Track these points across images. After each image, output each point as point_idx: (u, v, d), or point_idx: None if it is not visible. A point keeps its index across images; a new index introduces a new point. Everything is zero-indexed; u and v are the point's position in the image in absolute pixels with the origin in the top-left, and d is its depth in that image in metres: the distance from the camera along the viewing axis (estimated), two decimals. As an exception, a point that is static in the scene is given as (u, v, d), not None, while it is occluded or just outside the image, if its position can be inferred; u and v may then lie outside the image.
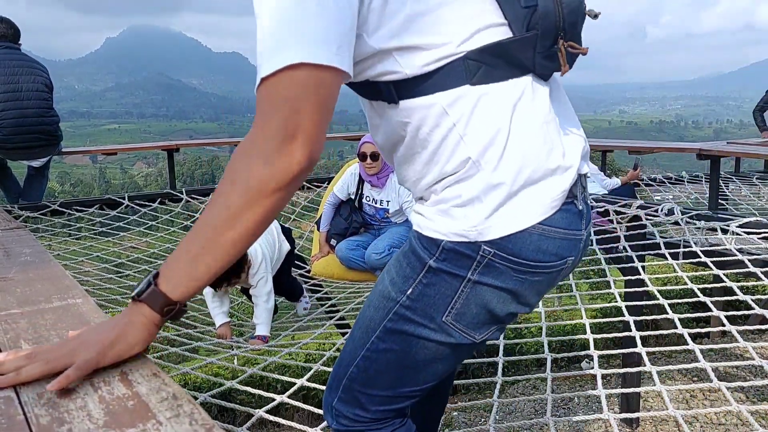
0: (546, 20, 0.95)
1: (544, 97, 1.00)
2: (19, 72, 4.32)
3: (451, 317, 1.02)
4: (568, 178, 0.98)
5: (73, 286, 1.25)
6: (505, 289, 1.00)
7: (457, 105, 0.94)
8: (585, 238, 1.08)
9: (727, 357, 5.13)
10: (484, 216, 0.95)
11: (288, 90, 0.81)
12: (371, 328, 1.09)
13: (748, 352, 2.07)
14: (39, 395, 0.75)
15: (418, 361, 1.07)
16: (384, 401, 1.12)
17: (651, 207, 3.39)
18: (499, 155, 0.94)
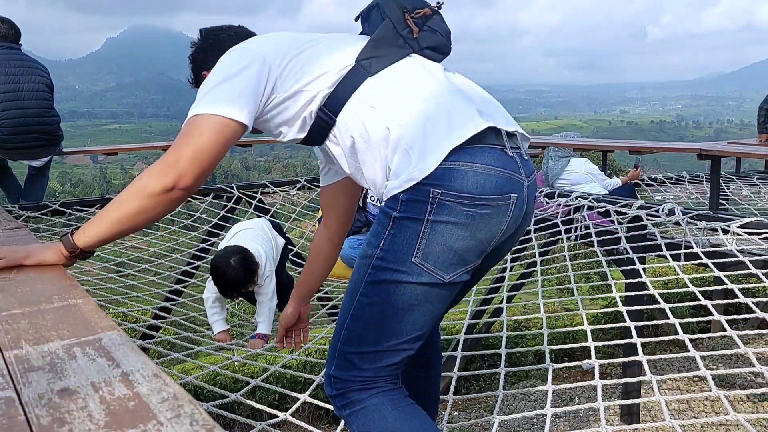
0: (391, 6, 1.33)
1: (436, 69, 1.33)
2: (20, 72, 4.32)
3: (419, 258, 1.20)
4: (471, 128, 1.20)
5: (74, 286, 1.25)
6: (459, 224, 1.19)
7: (367, 89, 1.27)
8: (528, 185, 1.30)
9: (728, 363, 5.12)
10: (418, 159, 1.18)
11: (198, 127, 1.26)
12: (355, 289, 1.27)
13: (749, 358, 2.06)
14: (40, 396, 0.75)
15: (398, 309, 1.23)
16: (374, 358, 1.26)
17: (652, 207, 3.39)
18: (413, 118, 1.22)
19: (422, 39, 1.34)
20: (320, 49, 1.32)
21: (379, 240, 1.23)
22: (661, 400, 1.94)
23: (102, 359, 0.87)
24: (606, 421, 1.84)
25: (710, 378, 1.99)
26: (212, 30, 1.53)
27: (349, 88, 1.27)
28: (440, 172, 1.18)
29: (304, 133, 1.34)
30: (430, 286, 1.22)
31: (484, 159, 1.20)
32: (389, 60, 1.30)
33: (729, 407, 1.80)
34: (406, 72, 1.30)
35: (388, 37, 1.31)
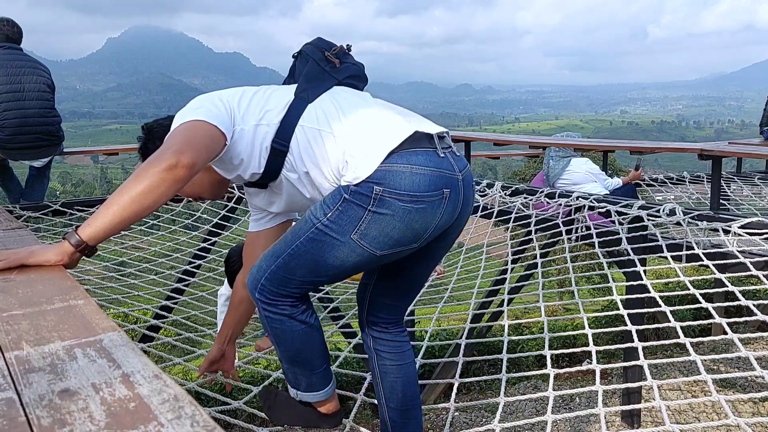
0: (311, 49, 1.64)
1: (363, 94, 1.63)
2: (21, 72, 4.32)
3: (357, 236, 1.46)
4: (403, 133, 1.46)
5: (75, 287, 1.25)
6: (396, 216, 1.44)
7: (310, 115, 1.52)
8: (463, 178, 1.53)
9: (729, 365, 5.12)
10: (362, 163, 1.44)
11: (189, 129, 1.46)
12: (298, 235, 1.52)
13: (750, 361, 2.05)
14: (41, 397, 0.75)
15: (329, 262, 1.50)
16: (302, 282, 1.55)
17: (653, 207, 3.39)
18: (353, 131, 1.47)
19: (344, 70, 1.64)
20: (266, 93, 1.59)
21: (329, 210, 1.47)
22: (661, 405, 1.93)
23: (103, 360, 0.87)
24: (606, 424, 1.84)
25: (711, 382, 1.99)
26: (156, 122, 1.79)
27: (294, 118, 1.52)
28: (381, 173, 1.43)
29: (261, 168, 1.55)
30: (361, 256, 1.49)
31: (418, 160, 1.45)
32: (322, 89, 1.58)
33: (729, 411, 1.80)
34: (340, 96, 1.58)
35: (316, 72, 1.60)
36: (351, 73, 1.65)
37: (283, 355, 1.66)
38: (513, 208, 4.26)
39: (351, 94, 1.60)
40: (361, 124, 1.49)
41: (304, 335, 1.60)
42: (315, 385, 1.69)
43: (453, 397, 2.21)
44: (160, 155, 1.37)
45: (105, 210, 1.35)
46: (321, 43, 1.66)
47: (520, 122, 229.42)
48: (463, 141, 6.69)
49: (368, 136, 1.46)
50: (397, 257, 1.55)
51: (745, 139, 7.73)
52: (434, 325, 3.33)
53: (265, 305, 1.57)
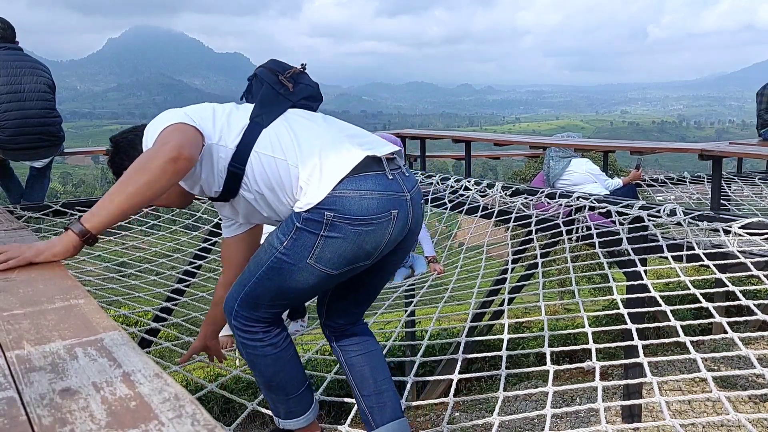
0: (265, 73, 1.71)
1: (316, 116, 1.69)
2: (21, 73, 4.32)
3: (313, 260, 1.55)
4: (353, 160, 1.52)
5: (76, 286, 1.25)
6: (348, 239, 1.52)
7: (264, 141, 1.58)
8: (411, 197, 1.62)
9: (729, 364, 5.11)
10: (314, 189, 1.51)
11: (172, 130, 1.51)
12: (260, 264, 1.62)
13: (750, 359, 2.05)
14: (42, 396, 0.75)
15: (291, 286, 1.60)
16: (270, 306, 1.65)
17: (653, 208, 3.38)
18: (305, 158, 1.54)
19: (298, 93, 1.70)
20: (225, 111, 1.65)
21: (284, 239, 1.56)
22: (661, 401, 1.93)
23: (103, 359, 0.87)
24: (606, 421, 1.84)
25: (711, 379, 1.99)
26: (121, 135, 1.82)
27: (249, 143, 1.58)
28: (332, 199, 1.50)
29: (220, 187, 1.63)
30: (318, 277, 1.58)
31: (367, 185, 1.52)
32: (276, 113, 1.64)
33: (729, 407, 1.80)
34: (293, 121, 1.64)
35: (270, 96, 1.66)
36: (305, 95, 1.71)
37: (260, 381, 1.74)
38: (513, 208, 4.26)
39: (304, 118, 1.66)
40: (313, 150, 1.55)
41: (278, 360, 1.69)
42: (294, 412, 1.75)
43: (452, 393, 2.21)
44: (160, 149, 1.44)
45: (109, 200, 1.42)
46: (275, 65, 1.73)
47: (521, 122, 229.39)
48: (463, 141, 6.70)
49: (319, 164, 1.53)
50: (354, 273, 1.65)
51: (746, 139, 7.73)
52: (434, 325, 3.33)
53: (240, 331, 1.67)
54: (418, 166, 6.78)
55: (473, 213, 4.53)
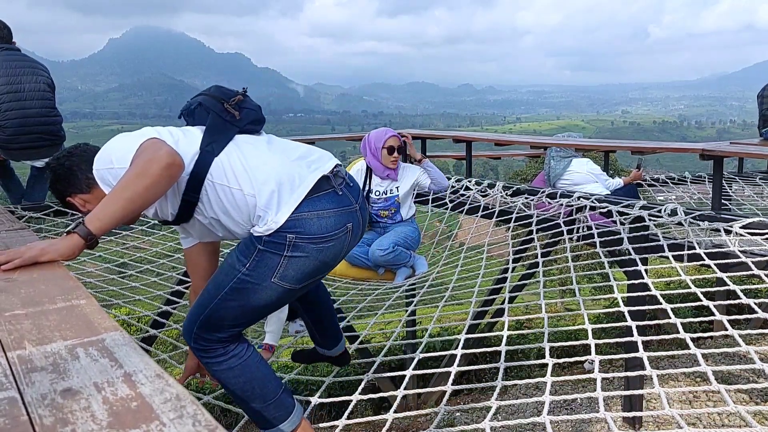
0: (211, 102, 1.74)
1: (262, 140, 1.75)
2: (21, 73, 4.32)
3: (277, 278, 1.62)
4: (307, 184, 1.62)
5: (77, 287, 1.25)
6: (310, 257, 1.62)
7: (218, 171, 1.62)
8: (359, 206, 1.73)
9: (730, 361, 5.11)
10: (273, 215, 1.59)
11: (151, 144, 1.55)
12: (221, 287, 1.66)
13: (750, 356, 2.05)
14: (43, 396, 0.76)
15: (254, 305, 1.66)
16: (232, 326, 1.69)
17: (654, 207, 3.38)
18: (261, 187, 1.60)
19: (244, 119, 1.74)
20: (174, 137, 1.65)
21: (247, 261, 1.63)
22: (661, 392, 1.93)
23: (105, 360, 0.87)
24: (605, 407, 1.84)
25: (711, 374, 1.99)
26: (56, 160, 1.74)
27: (202, 172, 1.62)
28: (292, 222, 1.59)
29: (174, 212, 1.67)
30: (282, 293, 1.66)
31: (322, 205, 1.63)
32: (225, 141, 1.68)
33: (729, 400, 1.80)
34: (244, 149, 1.68)
35: (218, 125, 1.70)
36: (250, 119, 1.76)
37: (236, 396, 1.77)
38: (514, 208, 4.26)
39: (252, 145, 1.71)
40: (268, 179, 1.61)
41: (246, 368, 1.74)
42: (278, 417, 1.78)
43: (447, 395, 2.21)
44: (156, 155, 1.50)
45: (112, 204, 1.49)
46: (219, 93, 1.78)
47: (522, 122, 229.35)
48: (464, 141, 6.70)
49: (277, 191, 1.60)
50: (314, 284, 1.80)
51: (747, 139, 7.72)
52: (435, 325, 3.33)
53: (201, 353, 1.72)
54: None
55: (474, 213, 4.52)
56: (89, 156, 1.67)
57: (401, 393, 2.22)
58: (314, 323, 2.13)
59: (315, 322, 2.13)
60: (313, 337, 2.20)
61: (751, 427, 1.68)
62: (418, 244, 4.10)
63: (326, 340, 2.18)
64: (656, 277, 3.21)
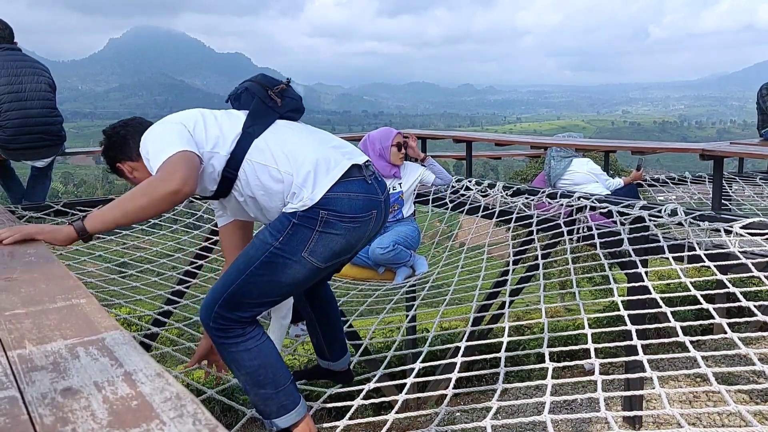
0: (257, 88, 1.89)
1: (300, 127, 1.90)
2: (22, 73, 4.33)
3: (307, 253, 1.72)
4: (341, 168, 1.75)
5: (77, 286, 1.25)
6: (339, 234, 1.73)
7: (257, 150, 1.77)
8: (384, 199, 1.85)
9: (730, 363, 5.10)
10: (309, 194, 1.71)
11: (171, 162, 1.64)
12: (251, 261, 1.74)
13: (750, 358, 2.05)
14: (43, 395, 0.76)
15: (282, 280, 1.74)
16: (255, 305, 1.77)
17: (654, 208, 3.38)
18: (297, 168, 1.73)
19: (284, 106, 1.89)
20: (219, 120, 1.81)
21: (280, 235, 1.72)
22: (661, 392, 1.93)
23: (105, 359, 0.87)
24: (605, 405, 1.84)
25: (711, 375, 1.99)
26: (112, 128, 1.98)
27: (242, 151, 1.76)
28: (325, 200, 1.71)
29: (215, 186, 1.80)
30: (309, 270, 1.75)
31: (353, 188, 1.76)
32: (266, 125, 1.83)
33: (730, 399, 1.80)
34: (282, 133, 1.83)
35: (261, 110, 1.85)
36: (290, 108, 1.91)
37: (246, 380, 1.80)
38: (514, 208, 4.26)
39: (291, 130, 1.86)
40: (305, 160, 1.75)
41: (260, 352, 1.78)
42: (285, 406, 1.81)
43: (448, 398, 2.21)
44: (168, 177, 1.62)
45: (111, 211, 1.66)
46: (264, 80, 1.93)
47: (522, 122, 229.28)
48: (464, 141, 6.70)
49: (313, 171, 1.73)
50: (334, 268, 1.90)
51: (747, 139, 7.72)
52: (436, 325, 3.33)
53: (219, 333, 1.76)
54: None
55: (474, 213, 4.52)
56: (142, 129, 1.84)
57: (402, 397, 2.22)
58: (323, 329, 2.18)
59: (324, 328, 2.18)
60: (319, 347, 2.23)
61: (751, 427, 1.68)
62: (418, 244, 4.10)
63: (332, 348, 2.21)
64: (657, 277, 3.21)
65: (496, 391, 2.16)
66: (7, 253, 1.57)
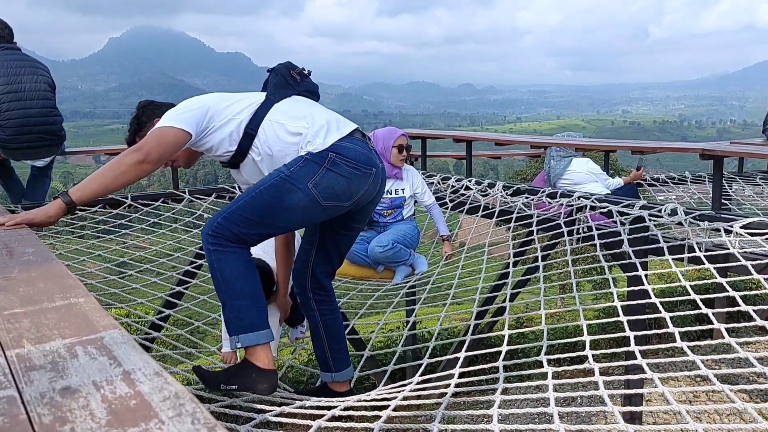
0: (281, 67, 2.20)
1: (313, 102, 2.20)
2: (22, 72, 4.32)
3: (312, 184, 1.94)
4: (348, 128, 2.08)
5: (76, 285, 1.25)
6: (342, 175, 1.98)
7: (276, 112, 2.05)
8: (382, 168, 2.14)
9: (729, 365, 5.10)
10: (321, 142, 1.99)
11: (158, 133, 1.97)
12: (262, 183, 1.96)
13: (749, 361, 2.05)
14: (42, 394, 0.75)
15: (285, 204, 1.93)
16: (252, 224, 1.92)
17: (654, 207, 3.38)
18: (310, 124, 2.02)
19: (302, 85, 2.19)
20: (246, 96, 2.11)
21: (292, 166, 1.96)
22: (664, 390, 1.93)
23: (104, 358, 0.87)
24: (609, 400, 1.83)
25: (712, 376, 1.98)
26: (148, 102, 2.31)
27: (263, 112, 2.04)
28: (334, 146, 1.99)
29: (235, 145, 2.03)
30: (310, 202, 1.95)
31: (358, 144, 2.05)
32: (286, 95, 2.13)
33: (734, 397, 1.79)
34: (298, 102, 2.13)
35: (282, 83, 2.15)
36: (307, 88, 2.20)
37: (226, 290, 1.93)
38: (514, 208, 4.26)
39: (306, 102, 2.17)
40: (318, 119, 2.04)
41: (244, 268, 1.94)
42: (255, 324, 1.94)
43: (449, 393, 2.20)
44: (134, 150, 1.91)
45: (91, 182, 1.95)
46: (289, 65, 2.23)
47: (522, 122, 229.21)
48: (464, 141, 6.69)
49: (325, 126, 2.03)
50: (332, 214, 2.05)
51: (747, 139, 7.72)
52: (436, 325, 3.32)
53: (212, 239, 1.91)
54: (420, 166, 6.77)
55: (474, 213, 4.52)
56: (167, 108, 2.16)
57: (402, 396, 2.22)
58: (328, 335, 2.31)
59: (329, 334, 2.31)
60: (323, 357, 2.34)
61: (756, 423, 1.68)
62: (417, 243, 4.10)
63: (336, 357, 2.33)
64: (657, 278, 3.20)
65: (496, 390, 2.15)
66: (6, 253, 1.56)
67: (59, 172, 68.39)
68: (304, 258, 2.28)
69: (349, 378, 2.38)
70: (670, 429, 1.77)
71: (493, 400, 2.01)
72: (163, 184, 48.88)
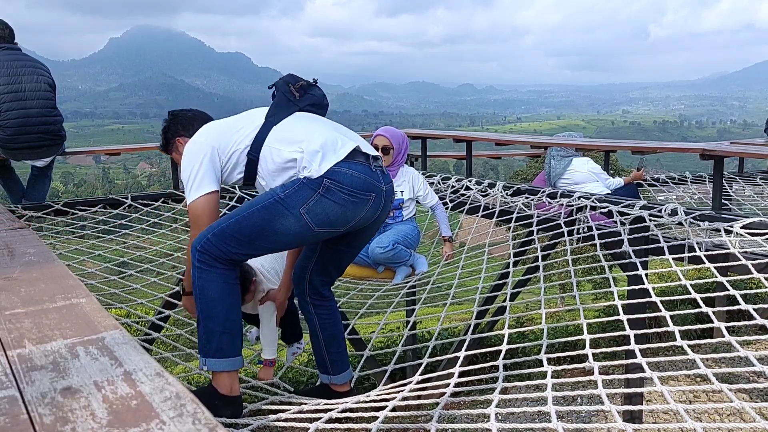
0: (281, 83, 2.16)
1: (315, 117, 2.16)
2: (22, 72, 4.32)
3: (304, 210, 1.91)
4: (346, 149, 1.98)
5: (77, 285, 1.25)
6: (336, 203, 1.93)
7: (274, 137, 2.04)
8: (386, 191, 2.07)
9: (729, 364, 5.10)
10: (317, 167, 1.94)
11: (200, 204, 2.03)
12: (254, 204, 1.95)
13: (749, 360, 2.05)
14: (43, 395, 0.76)
15: (276, 228, 1.92)
16: (242, 244, 1.92)
17: (655, 207, 3.38)
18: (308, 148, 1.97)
19: (304, 100, 2.14)
20: (248, 118, 2.12)
21: (286, 189, 1.94)
22: (663, 390, 1.93)
23: (105, 358, 0.87)
24: (608, 400, 1.84)
25: (711, 375, 1.99)
26: (181, 110, 2.38)
27: (263, 136, 2.04)
28: (330, 172, 1.93)
29: (242, 172, 2.06)
30: (302, 228, 1.93)
31: (356, 168, 1.98)
32: (285, 115, 2.10)
33: (733, 396, 1.79)
34: (298, 121, 2.09)
35: (282, 102, 2.12)
36: (310, 102, 2.16)
37: (203, 310, 1.93)
38: (515, 208, 4.26)
39: (307, 119, 2.12)
40: (315, 141, 1.97)
41: (227, 289, 1.93)
42: (223, 350, 1.93)
43: (449, 393, 2.21)
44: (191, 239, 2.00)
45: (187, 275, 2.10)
46: (290, 78, 2.19)
47: (522, 122, 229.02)
48: (464, 141, 6.69)
49: (321, 150, 1.96)
50: (325, 237, 2.05)
51: (747, 139, 7.71)
52: (436, 325, 3.33)
53: (199, 256, 1.91)
54: (420, 166, 6.77)
55: (474, 213, 4.52)
56: (205, 119, 2.29)
57: (402, 395, 2.22)
58: (326, 339, 2.32)
59: (327, 339, 2.32)
60: (321, 359, 2.35)
61: (755, 422, 1.68)
62: (417, 243, 4.10)
63: (334, 359, 2.33)
64: (657, 277, 3.21)
65: (496, 390, 2.15)
66: (7, 253, 1.56)
67: (59, 172, 68.38)
68: (304, 264, 2.27)
69: (347, 380, 2.39)
70: (670, 428, 1.77)
71: (492, 400, 2.01)
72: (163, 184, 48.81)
